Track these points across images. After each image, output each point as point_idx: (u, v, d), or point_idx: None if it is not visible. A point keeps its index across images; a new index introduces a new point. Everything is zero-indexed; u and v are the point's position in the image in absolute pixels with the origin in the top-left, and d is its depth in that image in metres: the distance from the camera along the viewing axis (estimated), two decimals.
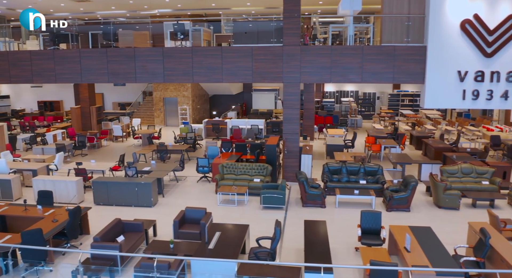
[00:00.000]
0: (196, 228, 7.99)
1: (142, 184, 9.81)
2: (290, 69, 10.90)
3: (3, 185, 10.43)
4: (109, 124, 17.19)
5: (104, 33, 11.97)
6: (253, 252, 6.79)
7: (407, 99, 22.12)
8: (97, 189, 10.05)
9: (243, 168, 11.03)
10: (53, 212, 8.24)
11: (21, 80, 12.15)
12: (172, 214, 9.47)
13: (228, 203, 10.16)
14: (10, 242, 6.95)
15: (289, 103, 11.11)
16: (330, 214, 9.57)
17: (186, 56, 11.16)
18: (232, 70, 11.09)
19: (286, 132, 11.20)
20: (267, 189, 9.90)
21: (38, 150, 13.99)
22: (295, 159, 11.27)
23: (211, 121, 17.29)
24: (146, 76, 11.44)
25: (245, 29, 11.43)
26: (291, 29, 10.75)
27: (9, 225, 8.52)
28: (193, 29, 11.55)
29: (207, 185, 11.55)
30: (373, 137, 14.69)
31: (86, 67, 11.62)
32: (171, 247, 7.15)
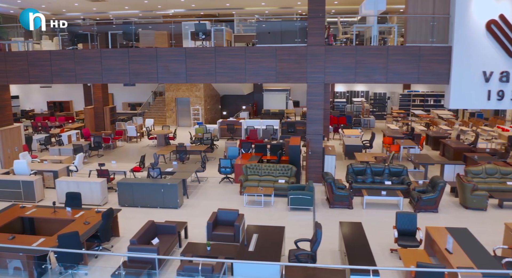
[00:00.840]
0: (229, 230, 7.91)
1: (168, 185, 9.72)
2: (314, 69, 10.83)
3: (26, 187, 10.31)
4: (123, 124, 17.08)
5: (124, 33, 11.87)
6: (294, 254, 6.72)
7: (418, 100, 22.12)
8: (122, 190, 9.95)
9: (267, 169, 10.96)
10: (83, 214, 8.14)
11: (41, 80, 12.03)
12: (199, 216, 9.42)
13: (254, 204, 10.08)
14: (44, 245, 6.85)
15: (313, 103, 11.04)
16: (359, 215, 9.51)
17: (209, 56, 11.07)
18: (255, 71, 11.02)
19: (310, 133, 11.14)
20: (294, 190, 9.84)
21: (55, 151, 13.87)
22: (319, 160, 11.21)
23: (226, 121, 17.21)
24: (168, 76, 11.35)
25: (268, 29, 11.32)
26: (315, 29, 10.68)
27: (37, 227, 8.42)
28: (215, 29, 11.46)
29: (229, 186, 11.47)
30: (391, 138, 14.64)
31: (107, 68, 11.52)
32: (208, 250, 7.07)
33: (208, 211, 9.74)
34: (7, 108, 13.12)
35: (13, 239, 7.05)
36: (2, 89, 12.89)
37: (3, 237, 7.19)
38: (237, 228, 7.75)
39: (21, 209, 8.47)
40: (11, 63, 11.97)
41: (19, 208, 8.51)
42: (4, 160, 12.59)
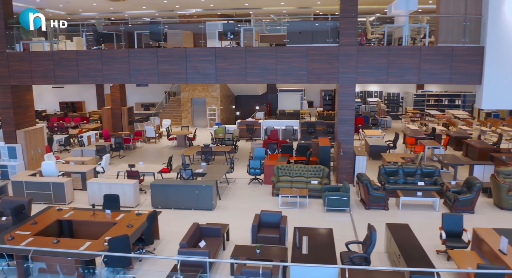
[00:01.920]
0: (273, 232, 7.81)
1: (203, 186, 9.61)
2: (346, 69, 10.76)
3: (56, 188, 10.17)
4: (142, 125, 16.93)
5: (151, 33, 11.74)
6: (348, 257, 6.64)
7: (432, 100, 22.11)
8: (155, 192, 9.83)
9: (298, 170, 10.87)
10: (123, 217, 8.02)
11: (67, 80, 11.88)
12: (235, 217, 9.32)
13: (288, 205, 9.99)
14: (91, 249, 6.72)
15: (344, 104, 10.96)
16: (396, 216, 9.45)
17: (239, 56, 10.97)
18: (286, 71, 10.93)
19: (341, 133, 11.06)
20: (329, 191, 9.77)
21: (77, 152, 13.71)
22: (350, 161, 11.13)
23: (245, 122, 17.10)
24: (197, 77, 11.24)
25: (299, 29, 11.23)
26: (348, 29, 10.60)
27: (75, 230, 8.28)
28: (244, 29, 11.36)
29: (259, 187, 11.38)
30: (413, 138, 14.60)
31: (135, 68, 11.39)
32: (257, 252, 6.98)
33: (243, 212, 9.70)
34: (30, 109, 12.97)
35: (58, 243, 6.93)
36: (25, 90, 12.73)
37: (47, 241, 7.06)
38: (282, 230, 7.66)
39: (58, 211, 8.34)
40: (36, 63, 11.81)
41: (56, 210, 8.38)
42: (28, 161, 12.43)
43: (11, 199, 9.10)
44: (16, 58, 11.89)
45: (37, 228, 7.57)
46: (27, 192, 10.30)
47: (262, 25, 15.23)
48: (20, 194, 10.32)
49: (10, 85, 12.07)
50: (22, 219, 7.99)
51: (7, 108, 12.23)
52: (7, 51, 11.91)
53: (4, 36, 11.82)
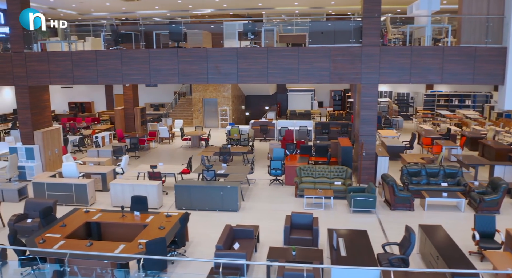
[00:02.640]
0: (305, 233, 7.76)
1: (229, 187, 9.54)
2: (368, 70, 10.71)
3: (79, 190, 10.07)
4: (155, 125, 16.84)
5: (170, 33, 11.65)
6: (387, 259, 6.59)
7: (442, 100, 22.12)
8: (180, 193, 9.75)
9: (321, 171, 10.82)
10: (153, 219, 7.93)
11: (86, 81, 11.78)
12: (260, 218, 9.26)
13: (313, 206, 9.94)
14: (126, 252, 6.63)
15: (366, 104, 10.92)
16: (422, 217, 9.41)
17: (261, 56, 10.91)
18: (308, 71, 10.87)
19: (363, 134, 11.02)
20: (355, 193, 9.73)
21: (93, 153, 13.61)
22: (371, 161, 11.09)
23: (258, 122, 17.04)
24: (218, 77, 11.17)
25: (321, 29, 11.19)
26: (370, 29, 10.57)
27: (103, 232, 8.19)
28: (266, 29, 11.30)
29: (280, 188, 11.32)
30: (429, 139, 14.58)
31: (155, 68, 11.30)
32: (293, 254, 6.92)
33: (268, 213, 9.64)
34: (47, 109, 12.86)
35: (91, 246, 6.84)
36: (42, 90, 12.63)
37: (80, 244, 6.97)
38: (315, 231, 7.61)
39: (86, 213, 8.24)
40: (54, 64, 11.71)
41: (84, 212, 8.29)
42: (46, 162, 12.32)
43: (36, 201, 9.02)
44: (34, 59, 11.79)
45: (67, 230, 7.48)
46: (48, 193, 10.20)
47: (279, 25, 15.16)
48: (41, 195, 10.22)
49: (27, 86, 11.97)
50: (50, 221, 7.91)
51: (24, 108, 12.12)
52: (24, 51, 11.81)
53: (22, 36, 11.71)
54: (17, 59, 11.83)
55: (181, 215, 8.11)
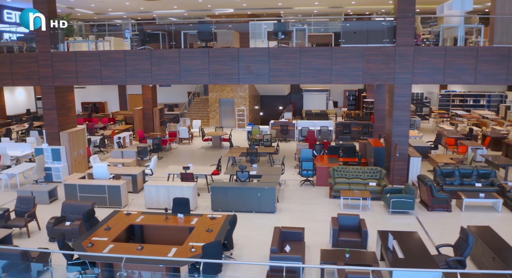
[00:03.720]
0: (353, 235, 7.68)
1: (266, 189, 9.44)
2: (402, 70, 10.65)
3: (112, 192, 9.94)
4: (174, 126, 16.70)
5: (199, 32, 11.53)
6: (444, 260, 6.53)
7: (457, 100, 22.13)
8: (216, 194, 9.64)
9: (355, 172, 10.75)
10: (197, 221, 7.81)
11: (114, 81, 11.65)
12: (299, 219, 9.18)
13: (348, 207, 9.86)
14: (179, 255, 6.51)
15: (399, 104, 10.86)
16: (461, 217, 9.36)
17: (294, 56, 10.81)
18: (341, 71, 10.80)
19: (396, 134, 10.95)
20: (392, 194, 9.66)
21: (117, 154, 13.46)
22: (404, 162, 11.03)
23: (279, 122, 16.95)
24: (249, 77, 11.06)
25: (354, 29, 11.11)
26: (404, 29, 10.50)
27: (146, 235, 8.07)
28: (297, 29, 11.21)
29: (312, 189, 11.23)
30: (453, 139, 14.55)
31: (185, 68, 11.18)
32: (346, 257, 6.84)
33: (306, 214, 9.56)
34: (72, 110, 12.69)
35: (143, 250, 6.72)
36: (68, 91, 12.47)
37: (130, 247, 6.85)
38: (364, 233, 7.53)
39: (128, 216, 8.11)
40: (82, 64, 11.56)
41: (125, 215, 8.15)
42: (71, 163, 12.16)
43: (73, 203, 8.89)
44: (61, 58, 11.63)
45: (112, 233, 7.34)
46: (80, 195, 10.06)
47: (305, 25, 15.10)
48: (73, 197, 10.07)
49: (54, 86, 11.81)
50: (93, 224, 7.78)
51: (50, 109, 11.96)
52: (51, 51, 11.65)
53: (49, 36, 11.55)
54: (44, 59, 11.67)
55: (225, 217, 8.03)
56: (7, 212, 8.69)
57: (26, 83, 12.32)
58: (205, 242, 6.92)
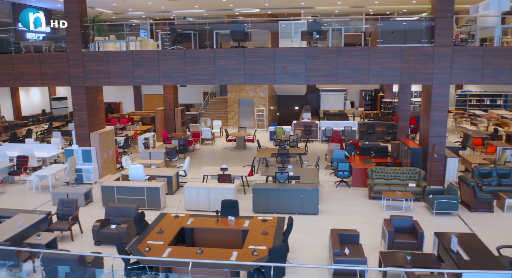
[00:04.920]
0: (408, 237, 7.59)
1: (309, 190, 9.34)
2: (440, 70, 10.59)
3: (151, 193, 9.79)
4: (196, 126, 16.55)
5: (233, 32, 11.40)
6: (509, 262, 6.46)
7: (474, 99, 22.16)
8: (257, 196, 9.53)
9: (393, 172, 10.67)
10: (250, 223, 7.68)
11: (146, 81, 11.49)
12: (343, 221, 9.10)
13: (389, 209, 9.78)
14: (241, 259, 6.37)
15: (437, 105, 10.80)
16: (504, 218, 9.32)
17: (331, 56, 10.72)
18: (379, 71, 10.72)
19: (433, 135, 10.89)
20: (434, 195, 9.60)
21: (145, 154, 13.30)
22: (441, 163, 10.98)
23: (302, 123, 16.84)
24: (286, 77, 10.95)
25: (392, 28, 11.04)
26: (443, 29, 10.45)
27: (196, 238, 7.93)
28: (333, 29, 11.11)
29: (348, 190, 11.15)
30: (480, 139, 14.53)
31: (220, 68, 11.05)
32: (408, 259, 6.76)
33: (348, 216, 9.49)
34: (101, 110, 12.52)
35: (203, 253, 6.59)
36: (97, 91, 12.30)
37: (190, 251, 6.73)
38: (421, 235, 7.45)
39: (176, 218, 7.98)
40: (114, 64, 11.40)
41: (173, 217, 8.02)
42: (102, 165, 11.99)
43: (117, 206, 8.73)
44: (92, 58, 11.46)
45: (166, 237, 7.21)
46: (118, 197, 9.91)
47: (333, 24, 15.03)
48: (110, 199, 9.91)
49: (84, 86, 11.64)
50: (144, 228, 7.64)
51: (81, 110, 11.79)
52: (82, 51, 11.48)
53: (80, 35, 11.38)
54: (74, 59, 11.50)
55: (276, 219, 7.91)
56: (50, 215, 8.54)
57: (56, 83, 12.13)
58: (263, 245, 6.82)
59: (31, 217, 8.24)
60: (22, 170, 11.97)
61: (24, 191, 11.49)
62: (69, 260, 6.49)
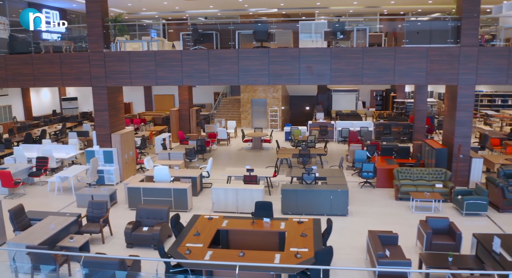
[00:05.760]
0: (445, 238, 7.56)
1: (339, 191, 9.30)
2: (466, 70, 10.57)
3: (178, 195, 9.71)
4: (211, 127, 16.47)
5: (256, 32, 11.32)
6: None
7: (485, 99, 22.20)
8: (286, 197, 9.47)
9: (419, 173, 10.64)
10: (286, 225, 7.62)
11: (169, 81, 11.40)
12: (375, 223, 9.04)
13: (417, 209, 9.74)
14: (285, 262, 6.30)
15: (463, 105, 10.78)
16: None
17: (356, 57, 10.67)
18: (404, 72, 10.68)
19: (459, 135, 10.87)
20: (462, 195, 9.58)
21: (164, 155, 13.20)
22: (466, 163, 10.96)
23: (318, 123, 16.80)
24: (310, 77, 10.90)
25: (417, 29, 11.00)
26: (469, 30, 10.43)
27: (230, 240, 7.86)
28: (358, 28, 11.07)
29: (373, 191, 11.11)
30: (498, 139, 14.53)
31: (244, 69, 10.98)
32: (449, 260, 6.73)
33: (378, 217, 9.44)
34: (121, 111, 12.43)
35: (245, 256, 6.52)
36: (118, 91, 12.21)
37: (231, 254, 6.66)
38: (459, 236, 7.41)
39: (210, 220, 7.91)
40: (136, 64, 11.30)
41: (207, 219, 7.95)
42: (123, 166, 11.89)
43: (148, 208, 8.63)
44: (114, 58, 11.36)
45: (204, 239, 7.12)
46: (144, 198, 9.82)
47: (352, 25, 15.00)
48: (136, 200, 9.82)
49: (106, 87, 11.53)
50: (179, 230, 7.56)
51: (102, 110, 11.68)
52: (104, 51, 11.37)
53: (102, 35, 11.27)
54: (96, 59, 11.39)
55: (312, 221, 7.85)
56: (80, 217, 8.45)
57: (77, 84, 12.01)
58: (304, 247, 6.76)
59: (61, 219, 8.14)
60: (42, 171, 11.86)
61: (45, 193, 11.38)
62: (111, 264, 6.39)
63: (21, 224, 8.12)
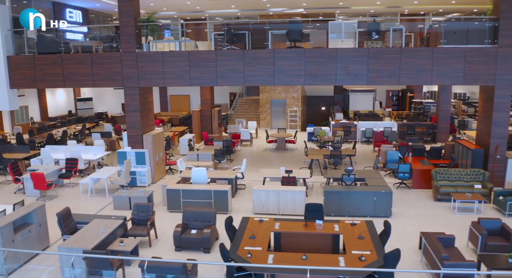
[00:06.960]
0: (500, 239, 7.52)
1: (383, 193, 9.24)
2: (503, 71, 10.54)
3: (218, 196, 9.60)
4: (234, 127, 16.36)
5: (289, 32, 11.23)
6: None
7: None
8: (329, 198, 9.39)
9: (457, 174, 10.61)
10: (340, 227, 7.55)
11: (203, 82, 11.30)
12: (419, 224, 9.00)
13: (459, 210, 9.71)
14: (351, 265, 6.19)
15: (500, 106, 10.75)
16: None
17: (394, 57, 10.62)
18: (442, 72, 10.64)
19: (495, 136, 10.86)
20: (505, 196, 9.55)
21: (193, 156, 13.08)
22: (502, 164, 10.95)
23: (341, 123, 16.73)
24: (347, 78, 10.83)
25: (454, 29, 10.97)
26: (507, 30, 10.39)
27: (282, 242, 7.77)
28: (393, 28, 11.01)
29: (410, 192, 11.06)
30: None
31: (280, 69, 10.89)
32: (510, 262, 6.69)
33: (422, 219, 9.40)
34: (151, 112, 12.29)
35: (308, 260, 6.43)
36: (148, 92, 12.07)
37: (293, 257, 6.56)
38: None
39: (261, 223, 7.81)
40: (170, 64, 11.18)
41: (258, 222, 7.85)
42: (154, 167, 11.75)
43: (194, 210, 8.51)
44: (146, 59, 11.22)
45: (261, 242, 7.04)
46: (183, 200, 9.70)
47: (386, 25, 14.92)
48: (175, 203, 9.73)
49: (138, 87, 11.39)
50: (233, 233, 7.46)
51: (133, 111, 11.54)
52: (136, 51, 11.23)
53: (134, 35, 11.13)
54: (128, 60, 11.25)
55: (365, 222, 7.79)
56: (126, 220, 8.31)
57: (108, 84, 11.86)
58: (365, 250, 6.69)
59: (109, 222, 8.00)
60: (72, 173, 11.70)
61: (77, 194, 11.23)
62: (174, 269, 6.30)
63: (69, 228, 7.97)
